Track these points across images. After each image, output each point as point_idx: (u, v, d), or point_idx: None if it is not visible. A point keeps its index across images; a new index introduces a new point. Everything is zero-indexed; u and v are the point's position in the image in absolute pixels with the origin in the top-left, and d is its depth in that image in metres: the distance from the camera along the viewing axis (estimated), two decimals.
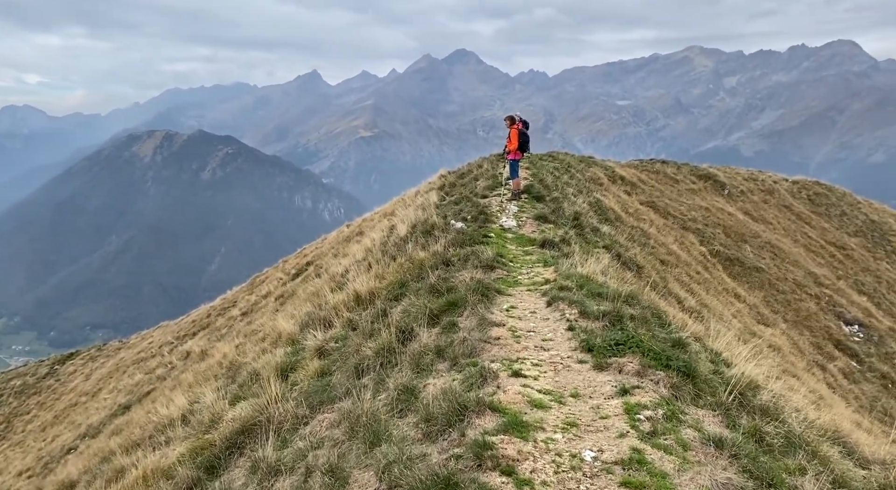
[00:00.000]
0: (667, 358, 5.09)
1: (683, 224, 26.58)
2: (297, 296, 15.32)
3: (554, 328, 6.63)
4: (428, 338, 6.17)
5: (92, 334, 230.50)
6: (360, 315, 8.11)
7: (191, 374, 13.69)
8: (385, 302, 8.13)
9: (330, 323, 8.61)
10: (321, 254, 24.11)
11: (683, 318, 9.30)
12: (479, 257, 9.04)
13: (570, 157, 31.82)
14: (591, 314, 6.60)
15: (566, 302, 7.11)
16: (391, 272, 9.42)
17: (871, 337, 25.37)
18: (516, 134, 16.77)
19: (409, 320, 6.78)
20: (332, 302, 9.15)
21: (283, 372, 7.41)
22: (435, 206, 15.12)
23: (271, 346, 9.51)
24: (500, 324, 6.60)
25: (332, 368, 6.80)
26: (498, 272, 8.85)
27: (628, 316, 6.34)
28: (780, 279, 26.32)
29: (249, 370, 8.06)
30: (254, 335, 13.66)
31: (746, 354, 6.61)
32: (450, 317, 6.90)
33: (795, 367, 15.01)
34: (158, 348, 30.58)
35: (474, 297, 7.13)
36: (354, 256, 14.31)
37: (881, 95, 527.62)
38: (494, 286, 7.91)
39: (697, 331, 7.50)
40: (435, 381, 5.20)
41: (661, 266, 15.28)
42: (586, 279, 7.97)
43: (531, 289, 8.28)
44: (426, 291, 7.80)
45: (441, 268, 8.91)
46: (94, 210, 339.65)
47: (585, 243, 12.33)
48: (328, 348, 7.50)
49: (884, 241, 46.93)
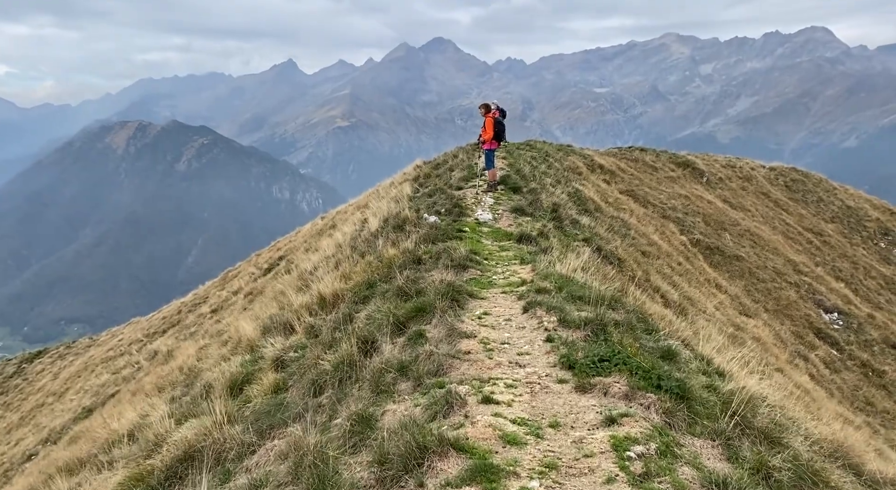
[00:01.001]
0: (658, 377, 4.53)
1: (663, 213, 26.23)
2: (265, 294, 14.69)
3: (531, 339, 6.02)
4: (391, 351, 5.57)
5: (67, 329, 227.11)
6: (324, 320, 7.52)
7: (153, 377, 13.02)
8: (350, 305, 7.55)
9: (292, 328, 8.01)
10: (294, 248, 23.41)
11: (668, 316, 8.83)
12: (451, 255, 8.44)
13: (549, 145, 31.31)
14: (571, 322, 6.00)
15: (544, 307, 6.50)
16: (358, 272, 8.83)
17: (850, 324, 25.26)
18: (491, 123, 16.16)
19: (373, 329, 6.19)
20: (296, 304, 8.55)
21: (237, 385, 6.81)
22: (408, 199, 14.52)
23: (231, 353, 8.89)
24: (470, 335, 6.00)
25: (288, 382, 6.21)
26: (471, 272, 8.24)
27: (612, 323, 5.76)
28: (760, 267, 26.10)
29: (204, 382, 7.44)
30: (219, 336, 13.02)
31: (737, 358, 6.12)
32: (417, 325, 6.29)
33: (779, 360, 14.70)
34: (128, 346, 29.73)
35: (444, 302, 6.54)
36: (324, 252, 13.68)
37: (853, 81, 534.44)
38: (466, 289, 7.33)
39: (685, 334, 7.00)
40: (395, 408, 4.60)
41: (642, 258, 14.84)
42: (566, 279, 7.41)
43: (507, 291, 7.69)
44: (393, 294, 7.21)
45: (411, 267, 8.32)
46: (67, 203, 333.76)
47: (564, 236, 11.82)
48: (286, 359, 6.89)
49: (860, 226, 47.18)
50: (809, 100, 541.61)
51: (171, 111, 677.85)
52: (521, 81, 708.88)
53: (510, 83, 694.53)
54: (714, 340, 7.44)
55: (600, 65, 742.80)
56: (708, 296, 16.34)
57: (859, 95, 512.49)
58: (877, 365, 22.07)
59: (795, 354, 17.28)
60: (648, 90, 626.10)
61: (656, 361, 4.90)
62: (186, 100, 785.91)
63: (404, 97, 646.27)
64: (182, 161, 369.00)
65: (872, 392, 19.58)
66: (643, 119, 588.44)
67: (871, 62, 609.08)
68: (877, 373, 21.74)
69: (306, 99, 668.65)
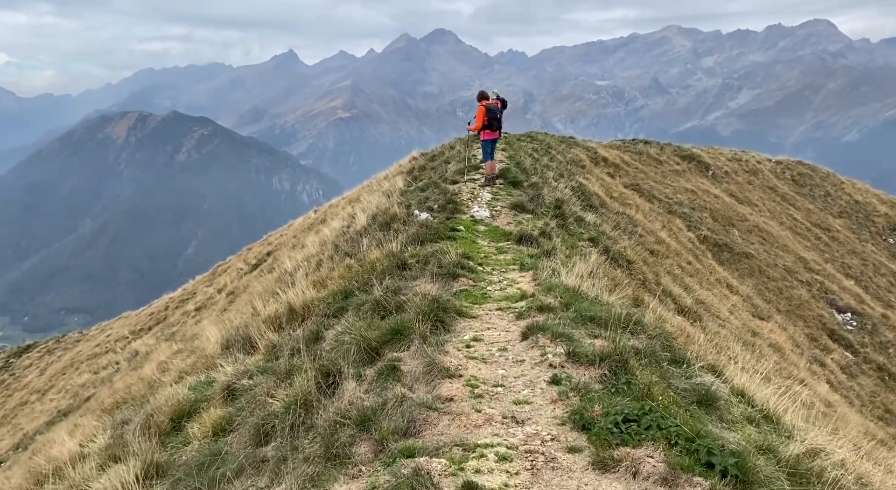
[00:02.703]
0: (707, 451, 3.35)
1: (669, 208, 25.16)
2: (242, 297, 13.67)
3: (531, 379, 4.75)
4: (355, 391, 4.49)
5: (67, 319, 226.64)
6: (290, 336, 6.48)
7: (120, 385, 12.03)
8: (320, 320, 6.50)
9: (253, 345, 6.97)
10: (283, 243, 22.38)
11: (686, 329, 7.78)
12: (440, 261, 7.36)
13: (550, 137, 30.19)
14: (583, 356, 4.79)
15: (548, 334, 5.29)
16: (335, 277, 7.79)
17: (864, 325, 24.25)
18: (482, 111, 15.19)
19: (339, 356, 5.14)
20: (264, 314, 7.51)
21: (181, 416, 5.79)
22: (400, 193, 13.47)
23: (191, 368, 7.87)
24: (455, 373, 4.77)
25: (235, 421, 5.17)
26: (462, 281, 7.11)
27: (633, 353, 4.66)
28: (770, 265, 25.06)
29: (151, 408, 6.42)
30: (192, 341, 12.00)
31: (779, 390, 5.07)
32: (393, 351, 5.19)
33: (799, 369, 13.71)
34: (114, 343, 28.75)
35: (425, 325, 5.42)
36: (308, 250, 12.65)
37: (855, 75, 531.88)
38: (455, 305, 6.17)
39: (711, 357, 5.93)
40: (347, 488, 3.51)
41: (651, 258, 13.82)
42: (573, 293, 6.30)
43: (503, 307, 6.56)
44: (370, 309, 6.16)
45: (395, 273, 7.28)
46: (67, 193, 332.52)
47: (569, 236, 10.76)
48: (238, 388, 5.83)
49: (868, 221, 46.14)
50: (811, 93, 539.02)
51: (171, 102, 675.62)
52: (523, 74, 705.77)
53: (511, 75, 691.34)
54: (741, 360, 6.40)
55: (602, 57, 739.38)
56: (720, 298, 15.33)
57: (861, 89, 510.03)
58: (893, 369, 21.07)
59: (812, 360, 16.29)
60: (650, 83, 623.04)
61: (697, 420, 3.75)
62: (187, 90, 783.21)
63: (405, 88, 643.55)
64: (182, 152, 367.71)
65: (891, 398, 18.58)
66: (644, 112, 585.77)
67: (874, 56, 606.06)
68: (893, 377, 20.75)
69: (307, 90, 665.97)
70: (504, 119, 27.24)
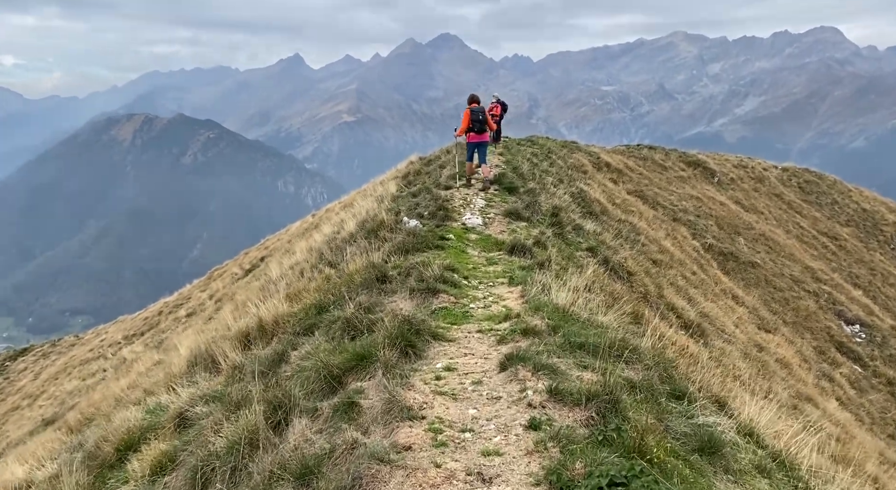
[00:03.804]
0: None
1: (674, 215, 24.58)
2: (226, 307, 13.16)
3: (507, 422, 4.03)
4: (305, 431, 3.92)
5: (71, 320, 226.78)
6: (255, 357, 5.94)
7: (98, 396, 11.52)
8: (289, 338, 5.98)
9: (216, 365, 6.45)
10: (278, 248, 21.89)
11: (690, 348, 7.22)
12: (421, 274, 6.81)
13: (552, 141, 29.62)
14: (567, 394, 4.11)
15: (530, 365, 4.58)
16: (312, 290, 7.27)
17: (873, 338, 23.61)
18: (467, 114, 14.92)
19: (298, 384, 4.61)
20: (234, 329, 6.99)
21: (130, 446, 5.27)
22: (391, 199, 12.95)
23: (159, 385, 7.35)
24: (418, 413, 4.09)
25: (178, 458, 4.64)
26: (443, 297, 6.52)
27: (626, 387, 4.05)
28: (777, 275, 24.45)
29: (102, 433, 5.90)
30: (171, 352, 11.50)
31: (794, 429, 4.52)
32: (356, 381, 4.59)
33: (807, 385, 13.13)
34: (107, 348, 28.30)
35: (392, 351, 4.84)
36: (296, 257, 12.14)
37: (862, 82, 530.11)
38: (430, 327, 5.53)
39: (717, 387, 5.37)
40: None
41: (653, 268, 13.27)
42: (563, 314, 5.74)
43: (485, 329, 5.92)
44: (340, 327, 5.62)
45: (374, 286, 6.75)
46: (73, 194, 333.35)
47: (566, 245, 10.21)
48: (191, 416, 5.31)
49: (876, 230, 45.52)
50: (818, 100, 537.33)
51: (177, 104, 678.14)
52: (528, 78, 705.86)
53: (517, 80, 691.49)
54: (749, 383, 5.85)
55: (607, 63, 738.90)
56: (726, 310, 14.77)
57: (868, 97, 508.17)
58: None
59: (820, 375, 15.70)
60: (655, 89, 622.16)
61: (699, 475, 3.20)
62: (193, 93, 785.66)
63: (410, 93, 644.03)
64: (188, 154, 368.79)
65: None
66: (650, 118, 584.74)
67: (881, 63, 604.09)
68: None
69: (312, 94, 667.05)
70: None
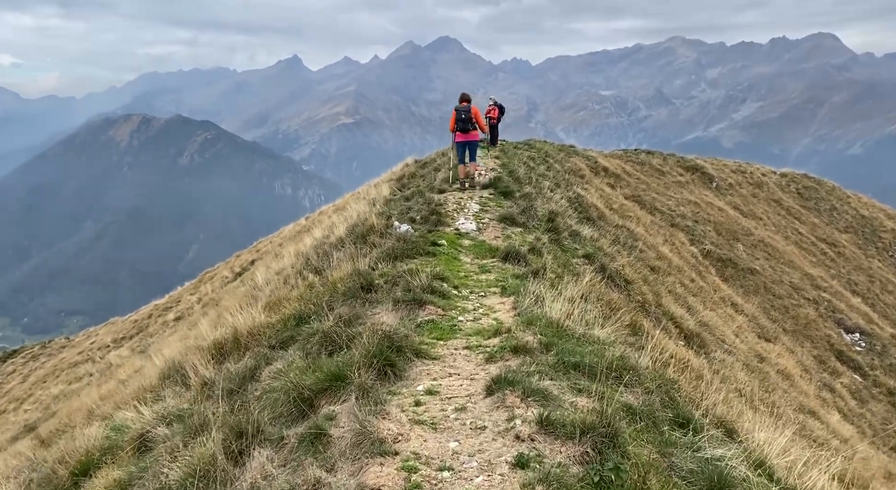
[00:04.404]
0: None
1: (672, 221, 24.24)
2: (210, 313, 12.77)
3: (491, 459, 3.54)
4: (265, 466, 3.53)
5: (67, 321, 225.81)
6: (227, 372, 5.56)
7: (78, 404, 11.11)
8: (264, 352, 5.60)
9: (186, 381, 6.06)
10: (268, 251, 21.50)
11: (690, 360, 6.86)
12: (408, 283, 6.42)
13: (549, 145, 29.28)
14: (559, 425, 3.65)
15: (519, 390, 4.10)
16: (294, 299, 6.90)
17: (873, 346, 23.27)
18: (453, 114, 14.72)
19: (267, 406, 4.23)
20: (210, 340, 6.61)
21: (85, 471, 4.89)
22: (384, 202, 12.58)
23: (129, 398, 6.96)
24: (391, 448, 3.61)
25: (133, 486, 4.26)
26: (429, 309, 6.09)
27: (626, 414, 3.63)
28: (776, 282, 24.12)
29: (62, 453, 5.51)
30: (151, 359, 11.10)
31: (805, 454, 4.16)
32: (330, 404, 4.16)
33: (809, 397, 12.78)
34: (96, 351, 27.86)
35: (369, 372, 4.37)
36: (284, 262, 11.77)
37: (859, 89, 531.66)
38: (412, 344, 5.06)
39: (720, 407, 4.99)
40: None
41: (651, 275, 12.92)
42: (557, 330, 5.33)
43: (472, 345, 5.44)
44: (318, 342, 5.24)
45: (359, 296, 6.38)
46: (69, 195, 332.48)
47: (562, 252, 9.85)
48: (152, 438, 4.92)
49: (875, 237, 45.27)
50: (815, 106, 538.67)
51: (175, 105, 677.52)
52: (527, 82, 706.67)
53: (516, 84, 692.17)
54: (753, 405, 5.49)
55: (606, 67, 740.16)
56: (725, 319, 14.42)
57: (865, 103, 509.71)
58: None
59: (821, 385, 15.36)
60: (653, 93, 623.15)
61: None
62: (191, 94, 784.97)
63: (409, 95, 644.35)
64: (185, 155, 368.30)
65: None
66: (647, 122, 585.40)
67: (879, 69, 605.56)
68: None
69: (311, 95, 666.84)
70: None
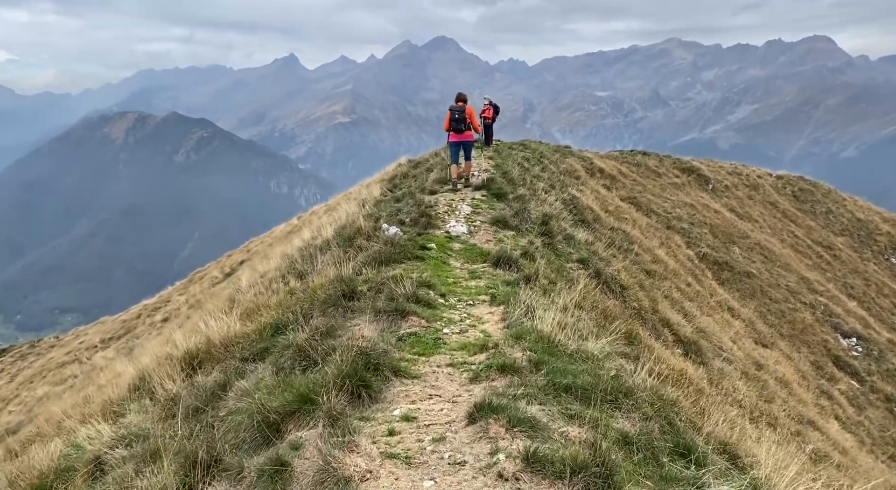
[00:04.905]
0: None
1: (668, 223, 23.97)
2: (193, 317, 12.42)
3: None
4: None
5: (60, 318, 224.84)
6: (196, 387, 5.22)
7: (53, 409, 10.75)
8: (236, 365, 5.25)
9: (153, 395, 5.71)
10: (258, 252, 21.13)
11: (689, 372, 6.55)
12: (391, 292, 6.07)
13: (544, 146, 28.97)
14: (548, 463, 3.24)
15: (504, 419, 3.68)
16: (273, 306, 6.57)
17: (870, 351, 23.04)
18: (449, 113, 14.90)
19: (230, 430, 3.89)
20: (182, 350, 6.26)
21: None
22: (374, 203, 12.24)
23: (98, 409, 6.62)
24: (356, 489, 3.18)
25: None
26: (413, 320, 5.71)
27: (622, 444, 3.29)
28: (773, 286, 23.86)
29: (15, 473, 5.16)
30: (126, 367, 10.73)
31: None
32: (298, 429, 3.79)
33: (807, 405, 12.50)
34: (84, 351, 27.45)
35: (341, 396, 3.96)
36: (270, 264, 11.43)
37: (854, 91, 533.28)
38: (390, 362, 4.64)
39: (722, 428, 4.67)
40: None
41: (647, 279, 12.62)
42: (548, 345, 4.95)
43: (456, 362, 5.01)
44: (292, 356, 4.89)
45: (340, 304, 6.04)
46: (64, 192, 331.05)
47: (555, 257, 9.53)
48: (108, 461, 4.58)
49: (870, 240, 45.14)
50: (810, 108, 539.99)
51: (171, 103, 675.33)
52: (523, 83, 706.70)
53: (512, 84, 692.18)
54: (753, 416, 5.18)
55: (602, 68, 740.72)
56: (722, 325, 14.14)
57: (860, 106, 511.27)
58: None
59: (819, 392, 15.09)
60: (649, 95, 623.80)
61: None
62: (187, 92, 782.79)
63: (406, 95, 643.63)
64: (181, 153, 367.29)
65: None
66: (643, 123, 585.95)
67: (873, 73, 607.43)
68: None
69: (307, 94, 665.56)
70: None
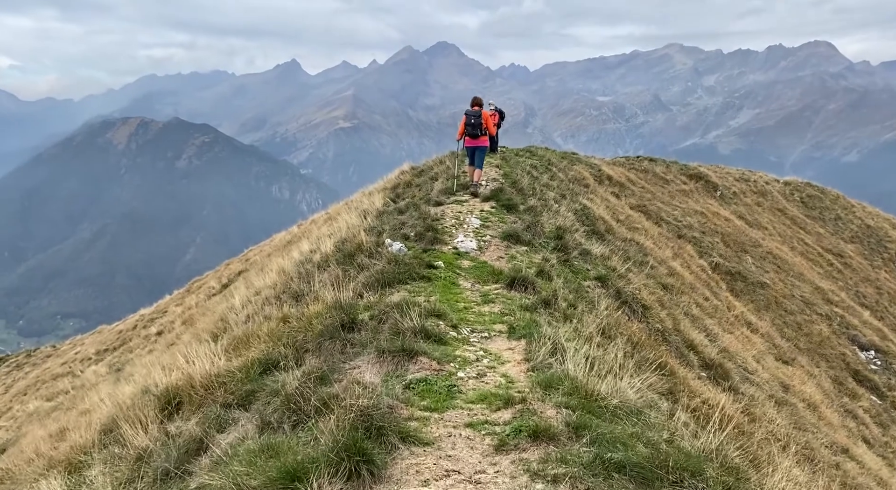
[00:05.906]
0: None
1: (679, 232, 23.25)
2: (183, 337, 11.72)
3: None
4: None
5: (62, 323, 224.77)
6: (169, 439, 4.52)
7: (26, 440, 10.04)
8: (217, 413, 4.55)
9: (124, 443, 5.02)
10: (256, 262, 20.44)
11: (726, 408, 5.84)
12: (397, 325, 5.35)
13: (551, 153, 28.28)
14: None
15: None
16: (263, 335, 5.87)
17: (889, 365, 22.28)
18: (464, 118, 14.43)
19: None
20: (161, 387, 5.56)
21: None
22: (376, 215, 11.53)
23: (64, 457, 5.91)
24: None
25: None
26: (423, 362, 4.91)
27: None
28: (787, 296, 23.12)
29: None
30: (121, 383, 10.01)
31: None
32: None
33: (835, 428, 11.78)
34: (79, 363, 26.78)
35: (336, 483, 3.00)
36: (265, 280, 10.73)
37: (855, 96, 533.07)
38: (397, 425, 3.82)
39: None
40: None
41: (665, 295, 11.91)
42: (585, 399, 4.07)
43: (475, 422, 4.13)
44: (280, 406, 4.18)
45: (338, 337, 5.35)
46: (66, 197, 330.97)
47: (572, 274, 8.84)
48: None
49: (881, 247, 44.40)
50: (811, 113, 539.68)
51: (173, 108, 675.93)
52: (524, 88, 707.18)
53: (513, 89, 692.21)
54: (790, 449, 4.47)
55: (603, 73, 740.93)
56: (743, 342, 13.43)
57: (861, 110, 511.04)
58: None
59: (843, 412, 14.37)
60: (650, 100, 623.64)
61: None
62: (189, 97, 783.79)
63: (407, 100, 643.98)
64: (183, 158, 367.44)
65: None
66: (645, 129, 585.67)
67: (874, 78, 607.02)
68: None
69: (309, 99, 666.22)
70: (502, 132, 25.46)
